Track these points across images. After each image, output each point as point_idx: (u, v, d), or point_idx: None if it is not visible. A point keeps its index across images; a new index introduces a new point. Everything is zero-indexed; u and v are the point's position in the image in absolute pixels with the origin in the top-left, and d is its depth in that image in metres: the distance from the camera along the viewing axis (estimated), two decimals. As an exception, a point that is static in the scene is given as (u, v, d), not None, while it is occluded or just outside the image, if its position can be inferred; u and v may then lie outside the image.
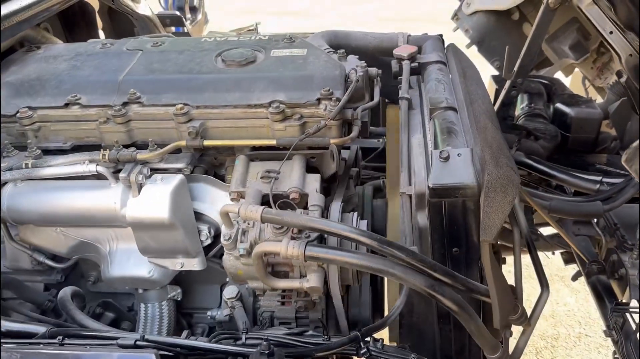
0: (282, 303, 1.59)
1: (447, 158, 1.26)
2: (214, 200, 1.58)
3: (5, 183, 1.51)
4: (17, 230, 1.62)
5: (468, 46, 2.61)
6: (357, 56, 1.76)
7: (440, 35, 2.02)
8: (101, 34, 2.34)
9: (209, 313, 1.70)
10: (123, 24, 2.38)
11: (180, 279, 1.71)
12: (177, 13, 2.65)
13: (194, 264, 1.57)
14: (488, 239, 1.18)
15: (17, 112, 1.55)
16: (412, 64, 1.74)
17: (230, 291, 1.60)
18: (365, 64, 1.68)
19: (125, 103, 1.54)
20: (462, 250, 1.35)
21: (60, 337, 1.15)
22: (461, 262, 1.36)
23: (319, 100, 1.49)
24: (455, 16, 2.75)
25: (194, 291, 1.80)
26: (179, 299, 1.71)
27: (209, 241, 1.58)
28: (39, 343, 1.15)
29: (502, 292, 1.26)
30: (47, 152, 1.58)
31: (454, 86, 1.70)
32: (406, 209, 1.37)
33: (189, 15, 2.74)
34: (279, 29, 7.24)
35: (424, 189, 1.28)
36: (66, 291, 1.57)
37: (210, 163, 1.67)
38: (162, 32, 2.43)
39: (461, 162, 1.25)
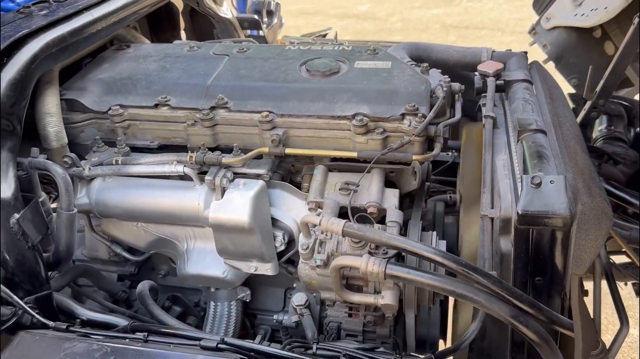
0: (350, 315, 1.59)
1: (538, 185, 1.22)
2: (290, 207, 1.60)
3: (94, 178, 1.58)
4: (99, 221, 1.69)
5: (545, 62, 2.53)
6: (440, 70, 1.74)
7: (525, 53, 1.96)
8: (182, 34, 2.41)
9: (275, 316, 1.73)
10: (204, 25, 2.44)
11: (247, 280, 1.74)
12: (255, 17, 2.70)
13: (267, 269, 1.59)
14: (579, 272, 1.14)
15: (109, 109, 1.62)
16: (497, 81, 1.71)
17: (299, 298, 1.61)
18: (449, 79, 1.65)
19: (212, 108, 1.58)
20: (546, 280, 1.31)
21: (145, 333, 1.19)
22: (543, 292, 1.32)
23: (403, 115, 1.48)
24: (533, 30, 2.67)
25: (259, 293, 1.83)
26: (247, 300, 1.75)
27: (282, 248, 1.60)
28: (124, 338, 1.19)
29: (586, 326, 1.21)
30: (134, 149, 1.64)
31: (540, 107, 1.65)
32: (487, 232, 1.34)
33: (265, 19, 2.79)
34: (341, 32, 7.25)
35: (510, 214, 1.25)
36: (144, 285, 1.63)
37: (287, 170, 1.69)
38: (241, 34, 2.48)
39: (554, 190, 1.20)
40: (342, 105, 1.53)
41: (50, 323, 1.25)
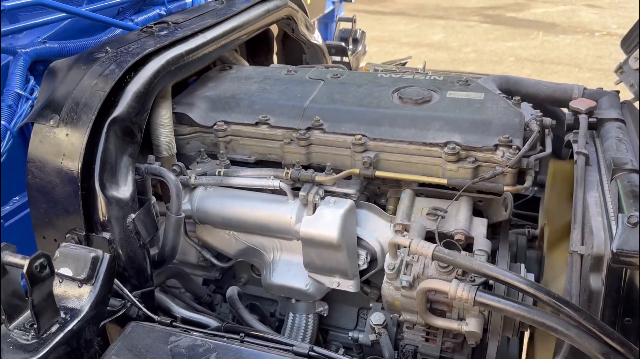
0: (427, 340, 1.61)
1: (635, 224, 1.21)
2: (375, 228, 1.65)
3: (197, 186, 1.70)
4: (194, 227, 1.81)
5: (632, 102, 2.49)
6: (530, 104, 1.76)
7: (617, 92, 1.95)
8: (274, 57, 2.55)
9: (350, 333, 1.77)
10: (294, 50, 2.58)
11: (324, 295, 1.80)
12: (342, 44, 2.82)
13: (349, 285, 1.65)
14: (675, 316, 1.12)
15: (214, 124, 1.75)
16: (590, 119, 1.70)
17: (377, 318, 1.65)
18: (541, 114, 1.67)
19: (308, 128, 1.67)
20: (635, 321, 1.29)
21: (242, 334, 1.27)
22: (632, 332, 1.30)
23: (496, 146, 1.51)
24: (620, 69, 2.62)
25: (333, 309, 1.88)
26: (324, 314, 1.81)
27: (364, 266, 1.65)
28: (222, 336, 1.28)
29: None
30: (233, 162, 1.76)
31: (632, 147, 1.63)
32: (576, 268, 1.34)
33: (350, 46, 2.90)
34: (413, 60, 7.32)
35: (603, 252, 1.25)
36: (234, 290, 1.73)
37: (372, 192, 1.76)
38: (328, 59, 2.59)
39: (652, 231, 1.20)
40: (434, 132, 1.58)
41: (155, 317, 1.36)
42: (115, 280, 1.33)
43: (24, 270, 1.06)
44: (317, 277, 1.66)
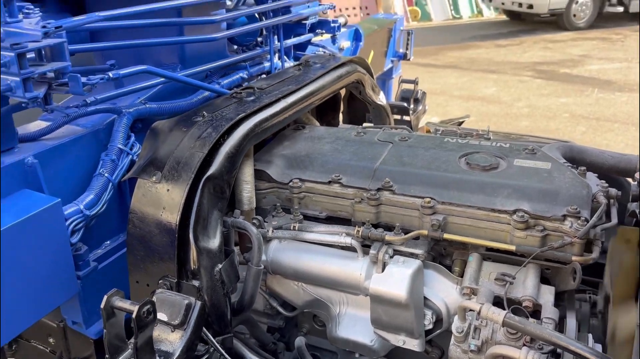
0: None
1: None
2: (441, 289, 1.71)
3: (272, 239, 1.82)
4: (265, 276, 1.92)
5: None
6: (596, 174, 1.80)
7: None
8: (340, 115, 2.70)
9: (410, 392, 1.80)
10: (359, 110, 2.72)
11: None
12: (405, 104, 2.96)
13: (415, 344, 1.69)
14: None
15: (290, 181, 1.88)
16: (656, 191, 1.73)
17: (440, 378, 1.69)
18: (607, 184, 1.72)
19: (379, 189, 1.77)
20: None
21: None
22: None
23: (564, 216, 1.56)
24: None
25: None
26: (386, 371, 1.85)
27: (429, 326, 1.70)
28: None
29: None
30: (305, 217, 1.87)
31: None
32: (646, 342, 1.35)
33: (412, 106, 3.03)
34: (464, 114, 7.39)
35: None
36: (302, 341, 1.81)
37: (438, 252, 1.82)
38: (391, 119, 2.72)
39: None
40: (503, 199, 1.65)
41: (235, 363, 1.45)
42: (204, 329, 1.44)
43: (134, 315, 1.18)
44: (383, 334, 1.72)
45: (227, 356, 1.44)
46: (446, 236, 1.67)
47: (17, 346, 1.98)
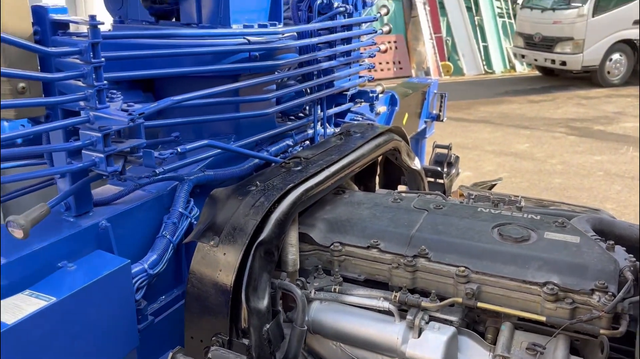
0: None
1: None
2: (474, 355, 1.79)
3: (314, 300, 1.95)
4: (305, 335, 2.03)
5: None
6: (624, 248, 1.89)
7: None
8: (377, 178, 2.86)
9: None
10: (393, 173, 2.87)
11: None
12: (438, 169, 3.11)
13: (448, 409, 1.77)
14: None
15: (331, 244, 2.02)
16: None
17: None
18: (634, 259, 1.79)
19: (415, 256, 1.90)
20: None
21: None
22: None
23: (592, 290, 1.65)
24: None
25: None
26: None
27: (463, 392, 1.77)
28: None
29: None
30: (344, 279, 2.00)
31: None
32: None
33: (445, 169, 3.17)
34: (497, 168, 7.46)
35: None
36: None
37: (471, 318, 1.91)
38: (425, 182, 2.86)
39: None
40: (533, 271, 1.75)
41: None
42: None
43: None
44: (418, 397, 1.80)
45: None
46: (480, 304, 1.76)
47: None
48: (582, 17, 11.71)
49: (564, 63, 12.13)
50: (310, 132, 2.63)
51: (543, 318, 1.68)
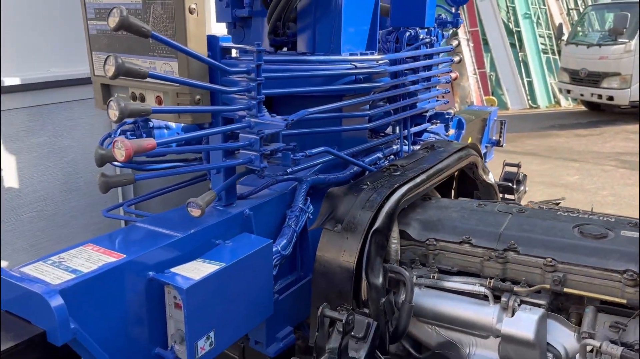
0: None
1: None
2: (560, 335, 2.04)
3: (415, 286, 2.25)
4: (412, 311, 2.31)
5: None
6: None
7: None
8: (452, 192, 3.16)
9: None
10: (468, 186, 3.17)
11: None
12: (510, 184, 3.39)
13: (538, 381, 2.01)
14: None
15: (426, 240, 2.33)
16: None
17: (562, 414, 1.97)
18: None
19: (505, 249, 2.18)
20: None
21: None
22: None
23: (668, 277, 1.89)
24: None
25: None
26: (510, 408, 2.15)
27: (551, 368, 2.02)
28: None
29: None
30: (438, 271, 2.29)
31: None
32: None
33: (514, 186, 3.45)
34: (549, 199, 7.58)
35: None
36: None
37: (556, 306, 2.16)
38: (498, 197, 3.14)
39: None
40: (614, 261, 2.00)
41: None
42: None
43: (343, 321, 1.63)
44: (511, 372, 2.05)
45: (392, 370, 1.83)
46: (566, 290, 2.02)
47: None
48: (629, 52, 11.83)
49: (611, 98, 12.20)
50: (395, 147, 2.98)
51: (624, 301, 1.92)
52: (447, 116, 3.23)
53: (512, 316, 2.02)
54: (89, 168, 2.71)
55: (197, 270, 1.74)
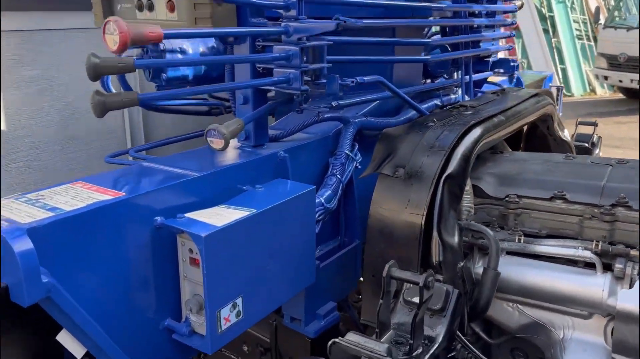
0: None
1: None
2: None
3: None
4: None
5: None
6: None
7: None
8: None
9: None
10: (536, 147, 2.67)
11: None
12: (586, 144, 2.89)
13: (667, 375, 1.52)
14: None
15: (506, 197, 1.85)
16: None
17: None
18: None
19: (613, 205, 1.69)
20: None
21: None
22: None
23: None
24: None
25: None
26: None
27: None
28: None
29: None
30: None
31: None
32: None
33: (590, 147, 2.96)
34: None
35: None
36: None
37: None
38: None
39: None
40: None
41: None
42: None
43: (421, 284, 1.17)
44: (626, 359, 1.56)
45: (478, 353, 1.37)
46: (702, 255, 1.53)
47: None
48: (673, 34, 11.12)
49: (652, 84, 11.49)
50: (453, 96, 2.50)
51: None
52: (512, 64, 2.73)
53: (631, 287, 1.53)
54: (92, 114, 2.26)
55: (219, 216, 1.29)
